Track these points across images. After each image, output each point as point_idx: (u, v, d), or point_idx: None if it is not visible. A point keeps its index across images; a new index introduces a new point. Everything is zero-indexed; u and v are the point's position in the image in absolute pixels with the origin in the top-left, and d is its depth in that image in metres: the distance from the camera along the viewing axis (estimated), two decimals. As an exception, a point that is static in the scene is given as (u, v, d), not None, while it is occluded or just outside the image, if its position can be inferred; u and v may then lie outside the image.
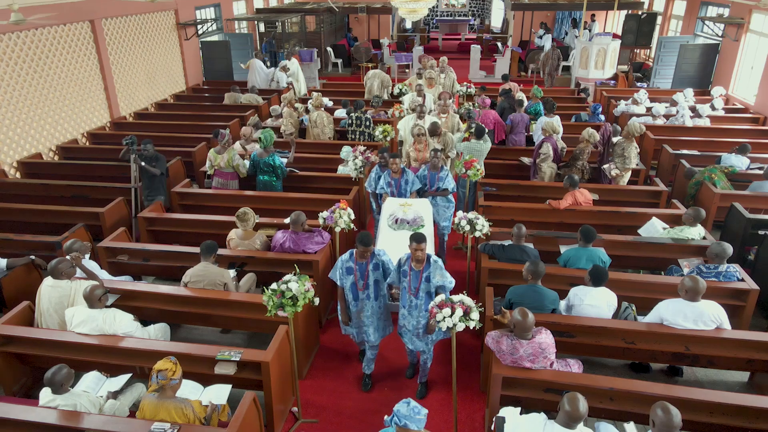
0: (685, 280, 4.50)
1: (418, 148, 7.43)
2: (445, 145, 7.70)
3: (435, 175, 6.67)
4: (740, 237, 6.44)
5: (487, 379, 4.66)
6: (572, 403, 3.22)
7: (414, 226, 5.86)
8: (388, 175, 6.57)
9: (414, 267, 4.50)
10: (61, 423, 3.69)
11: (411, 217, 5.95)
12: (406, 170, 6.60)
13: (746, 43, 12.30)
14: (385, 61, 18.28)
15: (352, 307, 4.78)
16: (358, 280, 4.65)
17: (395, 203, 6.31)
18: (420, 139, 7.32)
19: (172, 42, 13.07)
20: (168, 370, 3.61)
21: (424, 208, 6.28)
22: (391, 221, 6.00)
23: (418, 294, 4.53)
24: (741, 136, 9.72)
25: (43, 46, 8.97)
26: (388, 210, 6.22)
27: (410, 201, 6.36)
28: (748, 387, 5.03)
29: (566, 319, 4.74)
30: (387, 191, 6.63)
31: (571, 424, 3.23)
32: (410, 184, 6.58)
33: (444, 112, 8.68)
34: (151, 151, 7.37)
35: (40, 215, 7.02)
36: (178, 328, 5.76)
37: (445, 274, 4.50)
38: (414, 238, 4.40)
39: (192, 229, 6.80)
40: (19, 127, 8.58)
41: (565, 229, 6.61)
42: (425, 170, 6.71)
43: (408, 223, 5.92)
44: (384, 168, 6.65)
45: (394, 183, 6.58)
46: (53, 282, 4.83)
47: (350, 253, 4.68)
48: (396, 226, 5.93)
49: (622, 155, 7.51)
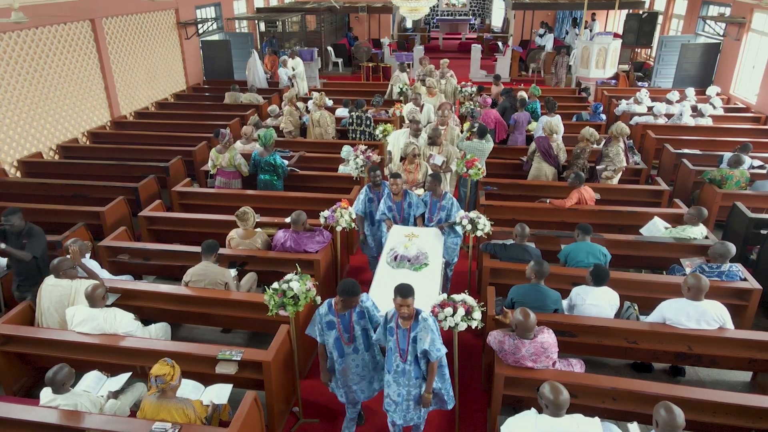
0: (689, 278, 4.49)
1: (408, 168, 6.58)
2: (447, 157, 7.11)
3: (437, 203, 5.84)
4: (742, 236, 6.43)
5: (488, 379, 4.65)
6: (554, 392, 3.24)
7: (416, 265, 5.08)
8: (389, 199, 5.83)
9: (401, 324, 3.78)
10: (62, 423, 3.68)
11: (413, 253, 5.14)
12: (409, 192, 5.91)
13: (747, 42, 12.28)
14: (385, 60, 18.25)
15: (338, 365, 4.09)
16: (342, 333, 3.98)
17: (401, 233, 5.58)
18: (412, 159, 6.57)
19: (172, 41, 13.05)
20: (166, 374, 3.59)
21: (432, 240, 5.54)
22: (390, 258, 5.20)
23: (406, 357, 3.78)
24: (742, 135, 9.70)
25: (44, 45, 8.95)
26: (392, 242, 5.49)
27: (417, 231, 5.63)
28: (751, 387, 5.02)
29: (568, 318, 4.72)
30: (389, 216, 5.89)
31: (559, 413, 3.25)
32: (414, 207, 5.87)
33: (443, 123, 7.99)
34: (17, 225, 5.25)
35: (40, 214, 6.98)
36: (179, 328, 5.75)
37: (435, 338, 3.71)
38: (399, 291, 3.65)
39: (192, 228, 6.78)
40: (19, 126, 8.57)
41: (567, 229, 6.60)
42: (426, 196, 5.93)
43: (409, 260, 5.10)
44: (376, 188, 6.00)
45: (396, 207, 5.86)
46: (54, 281, 4.82)
47: (329, 303, 4.00)
48: (395, 264, 5.12)
49: (609, 156, 7.49)
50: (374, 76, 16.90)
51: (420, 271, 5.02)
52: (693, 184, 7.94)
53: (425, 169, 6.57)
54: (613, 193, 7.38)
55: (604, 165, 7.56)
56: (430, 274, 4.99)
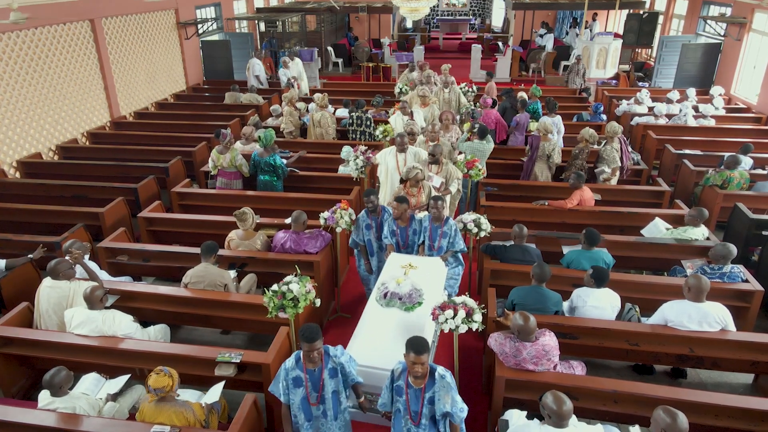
0: (689, 279, 4.47)
1: (410, 191, 6.02)
2: (446, 178, 6.59)
3: (438, 229, 5.33)
4: (743, 237, 6.41)
5: (489, 381, 4.63)
6: (557, 402, 3.17)
7: (408, 305, 4.53)
8: (394, 222, 5.43)
9: (413, 384, 3.39)
10: (60, 426, 3.66)
11: (405, 290, 4.58)
12: (415, 217, 5.43)
13: (748, 42, 12.26)
14: (385, 60, 18.23)
15: (305, 431, 3.68)
16: (309, 392, 3.55)
17: (398, 263, 5.09)
18: (415, 183, 5.99)
19: (172, 41, 13.03)
20: (165, 386, 3.58)
21: (431, 273, 5.03)
22: (379, 295, 4.67)
23: (419, 420, 3.40)
24: (743, 135, 9.68)
25: (43, 45, 8.93)
26: (386, 274, 4.99)
27: (417, 261, 5.15)
28: (753, 389, 4.99)
29: (569, 320, 4.70)
30: (392, 242, 5.45)
31: (562, 423, 3.19)
32: (419, 235, 5.43)
33: (433, 139, 7.21)
34: None
35: (39, 215, 6.98)
36: (178, 329, 5.73)
37: (456, 397, 3.37)
38: (412, 346, 3.25)
39: (192, 229, 6.76)
40: (18, 126, 8.55)
41: (567, 230, 6.58)
42: (426, 221, 5.42)
43: (400, 299, 4.55)
44: (373, 214, 5.54)
45: (401, 232, 5.42)
46: (52, 282, 4.80)
47: (296, 357, 3.57)
48: (384, 302, 4.59)
49: (603, 157, 7.47)
50: (374, 76, 16.87)
51: (412, 311, 4.52)
52: (694, 185, 7.92)
53: (429, 190, 6.12)
54: (614, 194, 7.36)
55: (601, 167, 7.54)
56: (423, 315, 4.46)
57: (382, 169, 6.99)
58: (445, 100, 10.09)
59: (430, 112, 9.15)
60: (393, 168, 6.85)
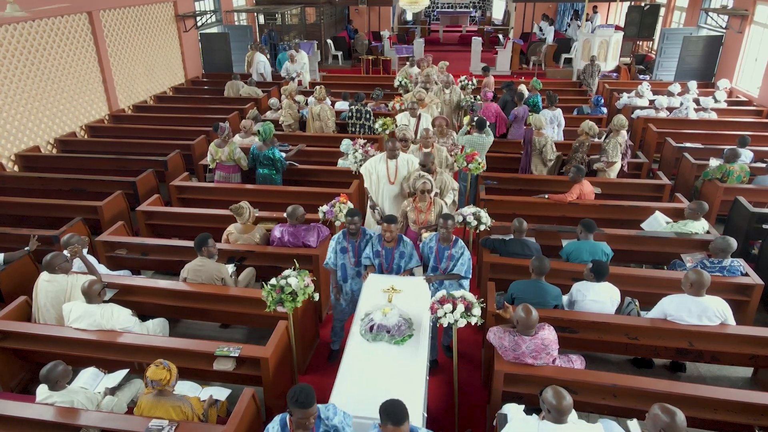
0: (690, 274, 4.45)
1: (419, 206, 5.53)
2: (441, 188, 6.12)
3: (445, 250, 4.86)
4: (744, 231, 6.39)
5: (488, 375, 4.63)
6: (557, 397, 3.14)
7: (397, 338, 4.05)
8: (379, 243, 4.91)
9: None
10: (59, 420, 3.65)
11: (393, 321, 4.09)
12: (404, 239, 4.92)
13: (750, 35, 12.19)
14: (385, 53, 18.16)
15: None
16: None
17: (378, 287, 4.62)
18: (424, 196, 5.45)
19: (170, 34, 12.96)
20: (162, 379, 3.57)
21: (416, 296, 4.53)
22: (364, 328, 4.14)
23: None
24: (744, 128, 9.63)
25: (41, 38, 8.88)
26: (368, 301, 4.48)
27: (399, 283, 4.66)
28: (752, 383, 5.00)
29: (569, 314, 4.69)
30: (374, 263, 4.93)
31: (562, 418, 3.16)
32: (406, 258, 4.89)
33: (427, 146, 6.62)
34: None
35: (37, 209, 6.96)
36: (177, 323, 5.72)
37: None
38: (389, 416, 2.85)
39: (191, 223, 6.74)
40: (16, 119, 8.51)
41: (567, 223, 6.55)
42: (432, 241, 4.95)
43: (388, 332, 4.07)
44: (352, 236, 4.96)
45: (386, 254, 4.87)
46: (49, 276, 4.78)
47: (281, 423, 3.14)
48: (371, 336, 4.08)
49: (606, 150, 7.44)
50: (374, 69, 16.82)
51: (402, 344, 4.06)
52: (694, 178, 7.89)
53: (440, 208, 5.50)
54: (614, 188, 7.33)
55: (597, 157, 7.52)
56: (415, 348, 4.03)
57: (372, 179, 6.30)
58: (445, 102, 9.57)
59: (430, 114, 8.60)
60: (383, 177, 6.24)
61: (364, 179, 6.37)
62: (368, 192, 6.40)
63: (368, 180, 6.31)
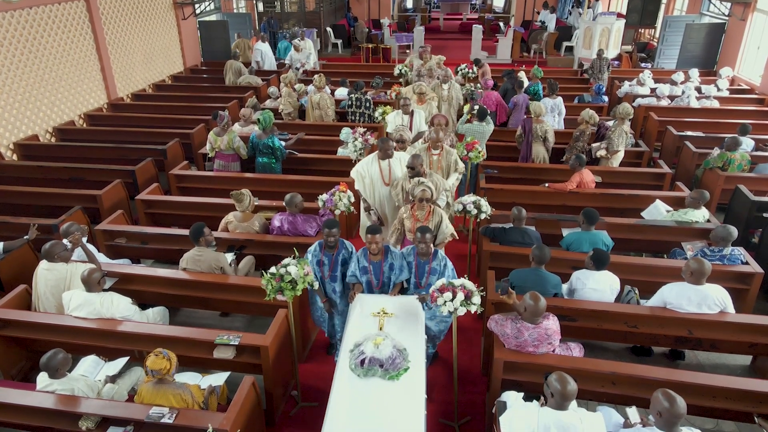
0: (691, 262, 4.45)
1: (417, 216, 5.08)
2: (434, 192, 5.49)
3: (425, 264, 4.47)
4: (744, 219, 6.38)
5: (488, 363, 4.64)
6: (562, 382, 3.15)
7: (391, 372, 3.64)
8: (365, 257, 4.49)
9: None
10: (59, 407, 3.67)
11: (387, 353, 3.69)
12: (391, 250, 4.54)
13: (753, 22, 12.08)
14: (385, 41, 18.03)
15: None
16: None
17: (367, 309, 4.22)
18: (423, 204, 5.00)
19: (169, 22, 12.86)
20: (162, 368, 3.58)
21: (410, 319, 4.17)
22: (355, 361, 3.73)
23: None
24: (746, 117, 9.58)
25: (38, 25, 8.81)
26: (356, 327, 4.06)
27: (390, 305, 4.23)
28: (750, 371, 5.01)
29: (568, 303, 4.69)
30: (361, 281, 4.53)
31: (564, 404, 3.18)
32: (396, 271, 4.50)
33: (436, 147, 6.16)
34: None
35: (37, 198, 6.95)
36: (177, 312, 5.73)
37: None
38: None
39: (190, 211, 6.73)
40: (15, 108, 8.47)
41: (568, 212, 6.54)
42: (410, 255, 4.55)
43: (381, 366, 3.65)
44: (329, 249, 4.56)
45: (374, 269, 4.48)
46: (48, 265, 4.78)
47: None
48: (362, 371, 3.66)
49: (609, 138, 7.40)
50: (374, 57, 16.71)
51: (398, 380, 3.63)
52: (695, 167, 7.86)
53: (439, 218, 5.07)
54: (615, 176, 7.31)
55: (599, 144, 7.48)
56: (412, 384, 3.63)
57: (366, 182, 5.96)
58: (443, 98, 8.97)
59: (428, 111, 8.03)
60: (377, 179, 5.91)
61: (356, 182, 5.99)
62: (361, 194, 6.05)
63: (360, 183, 5.97)
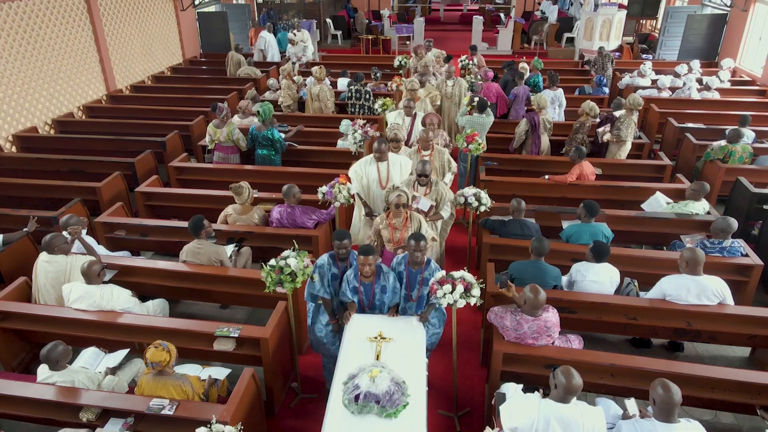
0: (684, 253, 4.46)
1: (394, 224, 4.73)
2: (438, 199, 5.37)
3: (417, 275, 4.19)
4: (744, 211, 6.37)
5: (487, 355, 4.65)
6: (567, 376, 3.16)
7: (389, 409, 3.27)
8: (355, 278, 4.12)
9: None
10: (60, 399, 3.68)
11: (384, 387, 3.30)
12: (384, 270, 4.15)
13: (755, 13, 12.02)
14: (385, 33, 17.94)
15: None
16: None
17: (362, 335, 3.87)
18: (399, 211, 4.65)
19: (168, 13, 12.79)
20: (162, 360, 3.59)
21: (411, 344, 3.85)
22: (348, 396, 3.34)
23: None
24: (747, 108, 9.55)
25: (36, 16, 8.76)
26: (350, 355, 3.72)
27: (389, 329, 3.92)
28: (749, 362, 5.02)
29: (568, 295, 4.69)
30: (353, 300, 4.18)
31: (567, 397, 3.18)
32: (389, 293, 4.15)
33: (426, 147, 5.94)
34: None
35: (36, 190, 6.94)
36: (177, 304, 5.74)
37: None
38: None
39: (190, 204, 6.72)
40: (13, 100, 8.43)
41: (568, 204, 6.53)
42: (401, 264, 4.26)
43: (377, 401, 3.27)
44: (341, 261, 4.26)
45: (365, 291, 4.14)
46: (48, 257, 4.78)
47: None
48: (357, 408, 3.29)
49: (618, 127, 7.38)
50: (374, 49, 16.63)
51: (396, 417, 3.27)
52: (696, 159, 7.84)
53: (418, 224, 4.75)
54: (615, 168, 7.29)
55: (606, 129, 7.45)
56: (412, 421, 3.28)
57: (363, 183, 5.76)
58: (446, 96, 8.66)
59: (422, 109, 7.78)
60: (374, 181, 5.70)
61: (352, 182, 5.77)
62: (359, 197, 5.82)
63: (357, 183, 5.78)
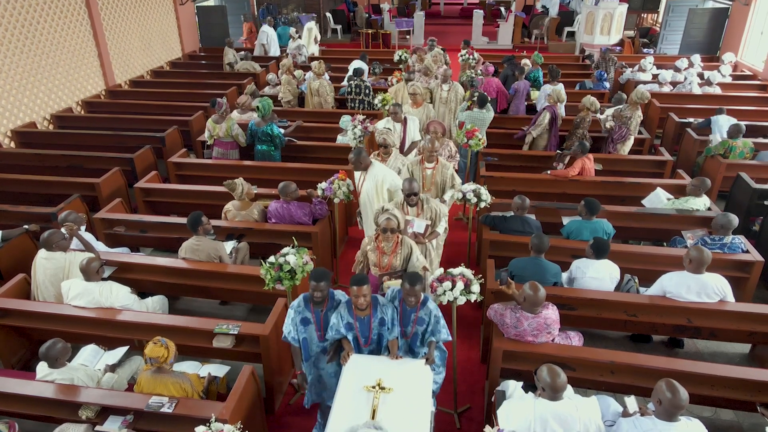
0: (691, 251, 4.43)
1: (383, 248, 4.31)
2: (433, 218, 4.89)
3: (412, 313, 3.76)
4: (745, 207, 6.35)
5: (487, 352, 4.64)
6: (551, 375, 3.16)
7: None
8: (349, 312, 3.68)
9: None
10: (59, 397, 3.68)
11: None
12: (380, 301, 3.73)
13: (757, 7, 11.96)
14: (385, 27, 17.85)
15: None
16: None
17: (359, 383, 3.41)
18: (388, 236, 4.21)
19: (166, 7, 12.73)
20: (160, 356, 3.58)
21: (415, 394, 3.37)
22: None
23: None
24: (748, 103, 9.52)
25: (34, 11, 8.72)
26: (344, 408, 3.26)
27: (390, 376, 3.42)
28: (749, 359, 5.01)
29: (568, 291, 4.68)
30: (348, 336, 3.70)
31: (557, 395, 3.19)
32: (387, 326, 3.70)
33: (431, 160, 5.44)
34: None
35: (35, 186, 6.92)
36: (177, 301, 5.73)
37: None
38: None
39: (189, 199, 6.70)
40: (12, 95, 8.41)
41: (568, 200, 6.52)
42: (396, 299, 3.83)
43: None
44: (316, 305, 3.71)
45: (361, 326, 3.69)
46: (47, 254, 4.77)
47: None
48: None
49: (625, 121, 7.34)
50: (374, 43, 16.56)
51: None
52: (697, 154, 7.81)
53: (408, 250, 4.32)
54: (616, 164, 7.27)
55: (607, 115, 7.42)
56: None
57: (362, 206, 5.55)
58: (442, 101, 8.04)
59: (424, 114, 7.25)
60: (372, 195, 5.35)
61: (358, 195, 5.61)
62: None
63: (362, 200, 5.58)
